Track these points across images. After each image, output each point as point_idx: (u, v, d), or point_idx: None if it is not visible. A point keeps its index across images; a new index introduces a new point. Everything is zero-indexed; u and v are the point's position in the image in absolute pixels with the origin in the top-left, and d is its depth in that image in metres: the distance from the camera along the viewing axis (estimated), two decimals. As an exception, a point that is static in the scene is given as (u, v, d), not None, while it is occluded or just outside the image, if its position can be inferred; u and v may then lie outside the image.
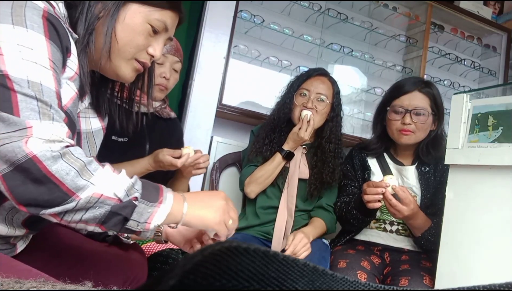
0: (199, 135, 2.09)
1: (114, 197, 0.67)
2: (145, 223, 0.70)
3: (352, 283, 0.27)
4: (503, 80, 3.00)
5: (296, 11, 2.49)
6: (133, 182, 0.70)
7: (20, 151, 0.60)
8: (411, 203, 1.33)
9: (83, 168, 0.65)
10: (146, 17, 0.80)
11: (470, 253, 1.15)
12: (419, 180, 1.57)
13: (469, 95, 1.25)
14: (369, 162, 1.67)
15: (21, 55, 0.64)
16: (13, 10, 0.66)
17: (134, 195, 0.68)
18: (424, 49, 2.69)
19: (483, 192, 1.15)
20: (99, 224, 0.68)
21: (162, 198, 0.72)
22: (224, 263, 0.22)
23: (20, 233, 0.80)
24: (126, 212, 0.68)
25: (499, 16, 3.14)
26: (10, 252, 0.82)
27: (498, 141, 1.12)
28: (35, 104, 0.63)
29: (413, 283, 1.33)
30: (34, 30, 0.66)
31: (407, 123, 1.53)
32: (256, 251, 0.23)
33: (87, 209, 0.65)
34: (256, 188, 1.63)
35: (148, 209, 0.69)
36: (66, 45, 0.72)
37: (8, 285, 0.48)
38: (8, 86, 0.62)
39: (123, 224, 0.69)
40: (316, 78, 1.65)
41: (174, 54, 1.44)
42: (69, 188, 0.63)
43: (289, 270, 0.24)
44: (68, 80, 0.74)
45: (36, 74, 0.65)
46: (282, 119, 1.66)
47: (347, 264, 1.44)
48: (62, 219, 0.66)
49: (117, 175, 0.69)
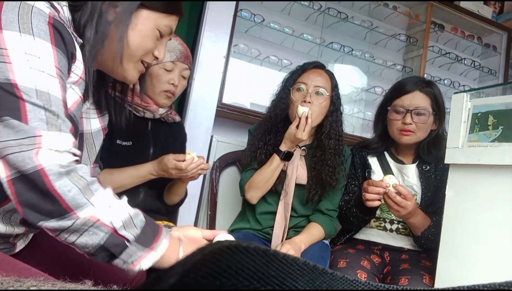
0: (199, 135, 2.09)
1: (110, 225, 0.68)
2: (131, 264, 0.70)
3: (352, 282, 0.27)
4: (503, 79, 3.00)
5: (296, 10, 2.49)
6: (133, 216, 0.71)
7: (30, 162, 0.62)
8: (413, 199, 1.35)
9: (85, 187, 0.67)
10: (156, 23, 0.83)
11: (470, 252, 1.16)
12: (419, 178, 1.57)
13: (469, 94, 1.25)
14: (370, 160, 1.67)
15: (29, 64, 0.65)
16: (19, 17, 0.66)
17: (131, 232, 0.69)
18: (424, 48, 2.69)
19: (483, 191, 1.15)
20: (88, 254, 0.69)
21: (156, 244, 0.72)
22: (224, 262, 0.22)
23: (19, 231, 0.80)
24: (116, 251, 0.69)
25: (499, 16, 3.14)
26: (9, 251, 0.83)
27: (498, 141, 1.12)
28: (43, 114, 0.65)
29: (413, 282, 1.33)
30: (41, 38, 0.67)
31: (408, 123, 1.53)
32: (256, 250, 0.23)
33: (82, 233, 0.66)
34: (257, 193, 1.54)
35: (138, 253, 0.70)
36: (72, 51, 0.73)
37: (8, 283, 0.48)
38: (17, 95, 0.64)
39: (110, 259, 0.70)
40: (312, 71, 1.56)
41: (184, 62, 1.44)
42: (68, 205, 0.65)
43: (289, 269, 0.24)
44: (73, 85, 0.76)
45: (44, 84, 0.66)
46: (278, 117, 1.57)
47: (347, 263, 1.44)
48: (57, 236, 0.67)
49: (117, 201, 0.71)
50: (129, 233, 0.69)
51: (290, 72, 1.63)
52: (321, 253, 1.52)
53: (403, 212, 1.34)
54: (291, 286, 0.24)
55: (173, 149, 1.51)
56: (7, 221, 0.77)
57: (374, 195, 1.35)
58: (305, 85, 1.53)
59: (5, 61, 0.64)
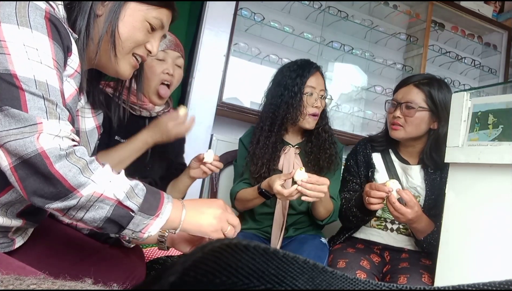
0: (199, 133, 2.09)
1: (113, 197, 0.71)
2: (139, 232, 0.75)
3: (352, 280, 0.27)
4: (503, 78, 3.00)
5: (297, 9, 2.48)
6: (133, 186, 0.74)
7: (31, 146, 0.64)
8: (415, 205, 1.32)
9: (85, 167, 0.69)
10: (145, 15, 0.85)
11: (469, 251, 1.16)
12: (424, 180, 1.54)
13: (469, 93, 1.25)
14: (374, 158, 1.65)
15: (27, 55, 0.67)
16: (17, 10, 0.68)
17: (134, 202, 0.73)
18: (424, 47, 2.69)
19: (483, 190, 1.15)
20: (97, 227, 0.72)
21: (160, 212, 0.76)
22: (224, 260, 0.22)
23: (17, 223, 0.81)
24: (123, 222, 0.72)
25: (500, 14, 3.13)
26: (8, 247, 0.83)
27: (498, 140, 1.12)
28: (42, 103, 0.67)
29: (412, 281, 1.33)
30: (38, 31, 0.69)
31: (396, 116, 1.53)
32: (256, 248, 0.23)
33: (88, 208, 0.70)
34: (242, 208, 1.61)
35: (144, 221, 0.74)
36: (67, 44, 0.75)
37: (8, 282, 0.48)
38: (16, 85, 0.66)
39: (119, 230, 0.74)
40: (317, 75, 1.58)
41: (174, 50, 1.41)
42: (71, 184, 0.67)
43: (288, 267, 0.24)
44: (68, 78, 0.78)
45: (42, 74, 0.68)
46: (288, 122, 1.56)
47: (347, 263, 1.44)
48: (65, 214, 0.70)
49: (116, 175, 0.74)
50: (132, 203, 0.72)
51: (291, 72, 1.58)
52: (318, 252, 1.51)
53: (402, 218, 1.33)
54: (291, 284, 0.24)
55: (172, 148, 1.51)
56: (3, 213, 0.78)
57: (376, 199, 1.34)
58: (313, 90, 1.55)
59: (4, 52, 0.66)
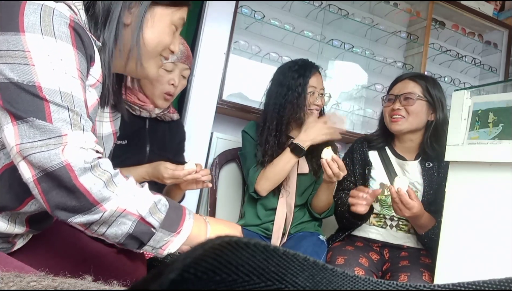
0: (199, 131, 2.09)
1: (136, 213, 0.71)
2: (159, 249, 0.75)
3: (352, 278, 0.27)
4: (503, 77, 2.99)
5: (297, 7, 2.48)
6: (156, 201, 0.74)
7: (56, 158, 0.63)
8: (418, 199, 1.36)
9: (109, 180, 0.69)
10: (171, 19, 0.84)
11: (469, 249, 1.16)
12: (422, 175, 1.57)
13: (470, 92, 1.25)
14: (371, 156, 1.66)
15: (52, 66, 0.66)
16: (41, 19, 0.66)
17: (156, 218, 0.72)
18: (425, 45, 2.68)
19: (483, 189, 1.15)
20: (118, 243, 0.72)
21: (181, 228, 0.75)
22: (224, 257, 0.22)
23: (19, 230, 0.80)
24: (144, 238, 0.72)
25: (500, 13, 3.13)
26: (7, 250, 0.82)
27: (499, 138, 1.12)
28: (67, 114, 0.66)
29: (413, 279, 1.33)
30: (62, 40, 0.67)
31: (396, 108, 1.55)
32: (256, 246, 0.23)
33: (111, 224, 0.69)
34: (267, 185, 1.57)
35: (164, 238, 0.74)
36: (90, 54, 0.73)
37: (8, 279, 0.48)
38: (41, 97, 0.64)
39: (140, 246, 0.74)
40: (317, 75, 1.64)
41: (184, 62, 1.43)
42: (95, 198, 0.66)
43: (289, 265, 0.24)
44: (90, 87, 0.76)
45: (67, 85, 0.67)
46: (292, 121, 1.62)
47: (345, 260, 1.44)
48: (87, 228, 0.70)
49: (140, 190, 0.74)
50: (154, 219, 0.72)
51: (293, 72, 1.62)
52: (315, 249, 1.53)
53: (407, 213, 1.34)
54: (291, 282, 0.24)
55: (171, 147, 1.51)
56: (13, 220, 0.77)
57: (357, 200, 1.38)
58: (315, 89, 1.62)
59: (28, 63, 0.64)
